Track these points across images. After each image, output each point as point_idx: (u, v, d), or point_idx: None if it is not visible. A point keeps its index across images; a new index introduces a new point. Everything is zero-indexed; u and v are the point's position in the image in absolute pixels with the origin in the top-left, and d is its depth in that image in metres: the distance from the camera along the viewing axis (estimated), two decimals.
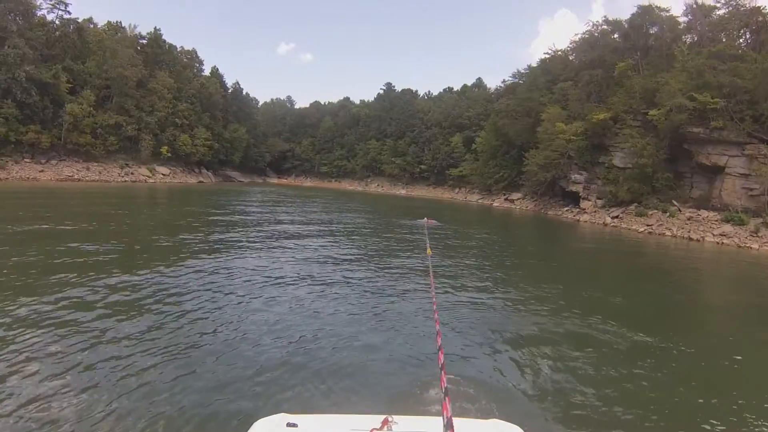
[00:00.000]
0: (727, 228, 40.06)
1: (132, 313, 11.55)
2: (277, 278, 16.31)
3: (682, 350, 11.61)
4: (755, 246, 36.73)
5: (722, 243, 38.31)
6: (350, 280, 16.92)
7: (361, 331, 11.53)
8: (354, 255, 22.55)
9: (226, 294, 13.89)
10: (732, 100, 43.34)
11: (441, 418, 3.76)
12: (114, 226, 26.17)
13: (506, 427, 3.87)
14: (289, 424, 3.71)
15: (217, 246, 22.31)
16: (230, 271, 17.15)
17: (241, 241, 24.58)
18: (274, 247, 23.40)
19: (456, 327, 12.25)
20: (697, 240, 39.60)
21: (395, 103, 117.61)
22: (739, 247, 37.10)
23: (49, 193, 42.68)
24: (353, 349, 10.24)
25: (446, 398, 2.92)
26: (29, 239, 19.35)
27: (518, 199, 74.36)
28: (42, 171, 59.32)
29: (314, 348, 10.10)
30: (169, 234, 25.69)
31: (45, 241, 19.23)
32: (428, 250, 14.88)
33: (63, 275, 13.88)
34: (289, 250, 22.81)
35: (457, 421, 3.69)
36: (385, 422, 3.70)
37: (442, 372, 3.37)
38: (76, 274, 14.09)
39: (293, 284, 15.68)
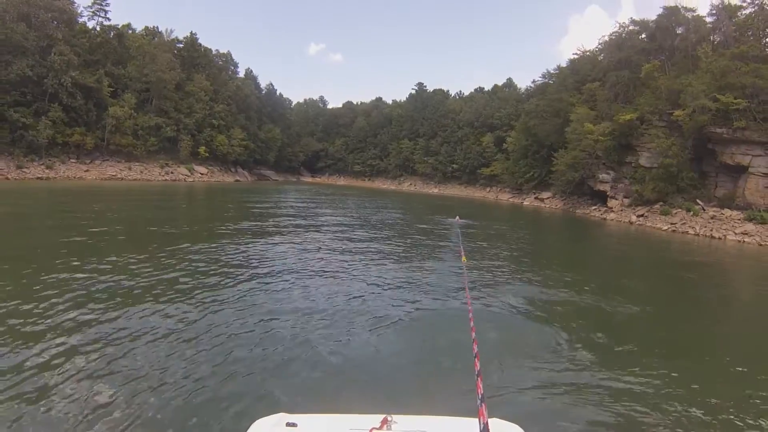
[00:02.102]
0: (750, 227, 40.50)
1: (149, 297, 12.34)
2: (310, 268, 17.57)
3: (695, 347, 11.84)
4: None
5: (743, 241, 38.77)
6: (382, 273, 17.58)
7: (389, 331, 11.36)
8: (387, 248, 24.05)
9: (253, 280, 14.99)
10: (755, 100, 43.76)
11: (442, 417, 4.21)
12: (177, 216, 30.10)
13: (505, 426, 3.85)
14: (288, 424, 3.78)
15: (255, 234, 24.49)
16: (266, 257, 18.92)
17: (280, 232, 26.99)
18: (310, 238, 25.38)
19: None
20: (719, 238, 40.12)
21: (427, 103, 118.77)
22: (760, 245, 37.50)
23: (103, 190, 45.69)
24: (375, 347, 10.23)
25: (483, 404, 2.89)
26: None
27: (548, 198, 75.15)
28: (87, 171, 62.25)
29: (332, 341, 10.23)
30: (222, 221, 28.87)
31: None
32: (463, 258, 15.15)
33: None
34: (325, 240, 24.77)
35: (454, 421, 4.09)
36: (384, 422, 3.74)
37: (479, 378, 3.32)
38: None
39: (326, 275, 16.73)
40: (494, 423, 3.65)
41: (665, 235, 42.01)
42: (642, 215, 50.62)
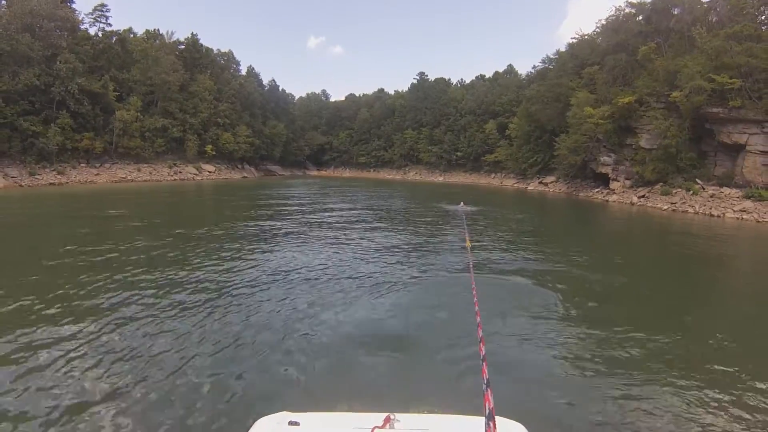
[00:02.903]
0: (748, 204, 41.20)
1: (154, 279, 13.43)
2: (322, 251, 18.74)
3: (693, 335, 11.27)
4: None
5: (742, 218, 39.49)
6: (388, 254, 18.75)
7: (395, 317, 11.65)
8: (393, 232, 25.47)
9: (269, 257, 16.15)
10: (749, 79, 44.36)
11: (440, 415, 4.25)
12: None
13: (508, 425, 3.72)
14: (291, 423, 3.75)
15: (270, 221, 25.73)
16: (282, 239, 20.83)
17: (293, 219, 29.06)
18: (321, 225, 27.03)
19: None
20: (718, 216, 40.82)
21: (429, 93, 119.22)
22: (758, 221, 38.21)
23: (116, 192, 46.40)
24: (379, 337, 10.25)
25: (488, 390, 2.79)
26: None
27: (552, 182, 75.85)
28: (98, 174, 63.43)
29: (335, 333, 10.31)
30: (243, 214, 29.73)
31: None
32: (468, 243, 15.50)
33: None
34: (336, 226, 26.35)
35: (456, 419, 4.08)
36: (387, 420, 3.68)
37: (484, 364, 3.23)
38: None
39: (337, 257, 17.73)
40: (497, 421, 3.23)
41: (665, 215, 42.88)
42: (643, 196, 51.43)
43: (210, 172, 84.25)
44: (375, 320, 11.29)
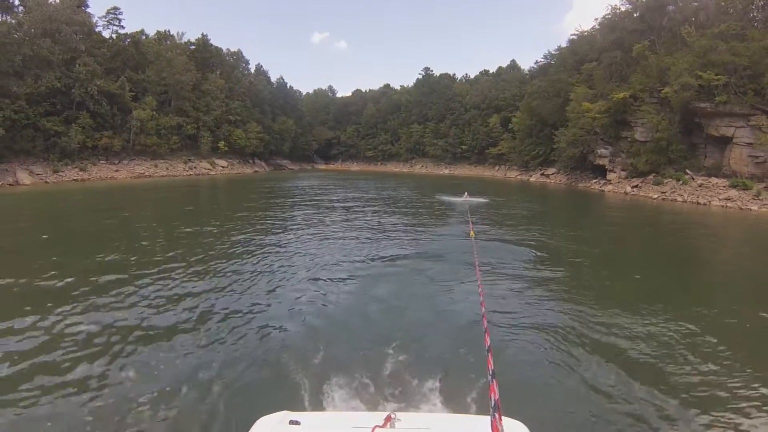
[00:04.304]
0: (733, 193, 43.55)
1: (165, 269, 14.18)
2: (335, 233, 20.97)
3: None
4: (754, 208, 40.20)
5: (726, 206, 41.82)
6: (393, 246, 19.65)
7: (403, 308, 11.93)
8: (402, 218, 28.35)
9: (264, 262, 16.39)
10: (734, 75, 46.58)
11: (440, 414, 4.35)
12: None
13: (509, 424, 3.72)
14: (291, 422, 3.77)
15: (285, 211, 28.69)
16: (297, 224, 23.05)
17: (308, 206, 32.65)
18: (335, 211, 30.31)
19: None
20: (704, 204, 43.22)
21: (434, 88, 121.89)
22: (741, 209, 40.52)
23: (137, 186, 48.93)
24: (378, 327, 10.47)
25: (494, 381, 2.80)
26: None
27: (553, 173, 78.60)
28: (117, 171, 66.16)
29: (333, 329, 10.40)
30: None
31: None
32: (471, 233, 15.85)
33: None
34: (349, 213, 29.18)
35: (456, 418, 4.20)
36: (387, 419, 3.71)
37: (489, 354, 3.25)
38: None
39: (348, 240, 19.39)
40: None
41: (654, 203, 45.57)
42: (636, 186, 54.02)
43: (223, 167, 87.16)
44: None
